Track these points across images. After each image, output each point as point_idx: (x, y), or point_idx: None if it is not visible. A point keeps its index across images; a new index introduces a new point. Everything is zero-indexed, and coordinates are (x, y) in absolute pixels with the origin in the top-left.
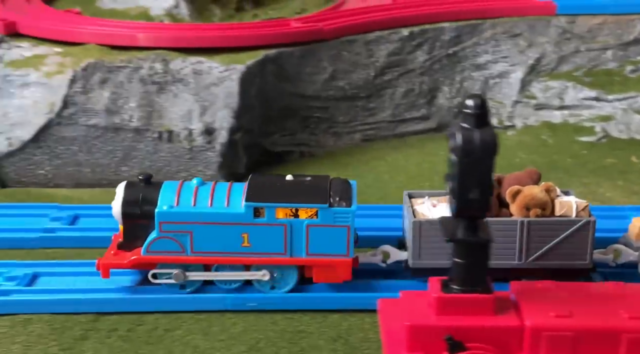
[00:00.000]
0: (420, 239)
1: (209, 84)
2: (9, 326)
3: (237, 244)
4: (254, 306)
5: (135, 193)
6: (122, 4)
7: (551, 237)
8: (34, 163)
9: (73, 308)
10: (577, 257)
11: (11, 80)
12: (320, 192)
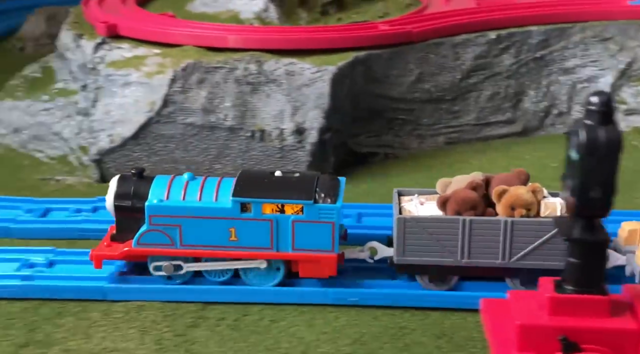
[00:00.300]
0: (405, 236)
1: (300, 85)
2: (124, 312)
3: (225, 238)
4: (355, 300)
5: (127, 187)
6: (212, 7)
7: (535, 237)
8: (133, 159)
9: (183, 296)
10: (560, 258)
11: (113, 80)
12: (306, 188)
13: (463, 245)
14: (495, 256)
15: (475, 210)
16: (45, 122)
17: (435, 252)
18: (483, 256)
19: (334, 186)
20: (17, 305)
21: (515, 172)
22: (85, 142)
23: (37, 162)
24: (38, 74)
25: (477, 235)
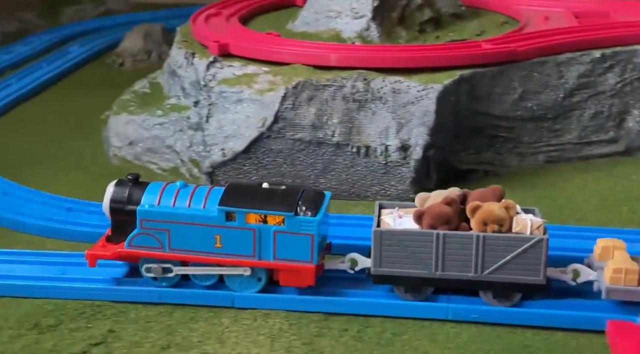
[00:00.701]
0: (381, 248)
1: (406, 103)
2: (252, 319)
3: (210, 244)
4: (476, 317)
5: (123, 191)
6: (314, 27)
7: (506, 252)
8: (242, 173)
9: (307, 306)
10: (530, 273)
11: (226, 97)
12: (289, 201)
13: (437, 258)
14: (468, 270)
15: (449, 224)
16: (159, 136)
17: (410, 264)
18: (456, 269)
19: (316, 200)
20: (153, 309)
21: (491, 189)
22: (196, 156)
23: (151, 173)
24: (147, 90)
25: (450, 249)
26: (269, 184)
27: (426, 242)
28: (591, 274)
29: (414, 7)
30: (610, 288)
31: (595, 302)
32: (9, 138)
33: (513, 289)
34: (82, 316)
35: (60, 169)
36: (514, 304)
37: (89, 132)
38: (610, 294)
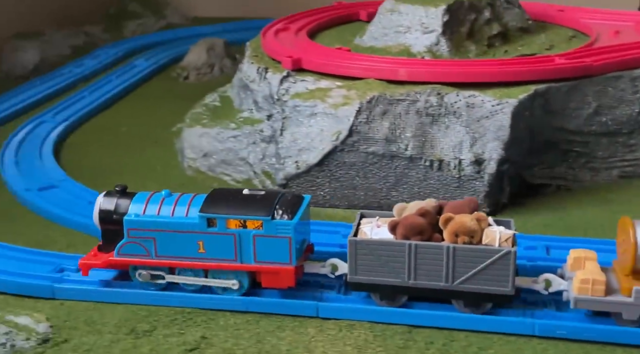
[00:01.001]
0: (356, 256)
1: (480, 117)
2: (337, 329)
3: (194, 250)
4: (563, 334)
5: (111, 202)
6: (382, 41)
7: (475, 263)
8: (315, 185)
9: (391, 318)
10: (499, 283)
11: (300, 111)
12: (267, 205)
13: (409, 267)
14: (439, 279)
15: (421, 235)
16: (232, 148)
17: (384, 273)
18: (428, 279)
19: (294, 204)
20: (240, 317)
21: (466, 200)
22: (269, 168)
23: (225, 184)
24: (217, 103)
25: (422, 259)
26: (249, 191)
27: (399, 252)
28: (562, 284)
29: (483, 21)
30: (578, 298)
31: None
32: (86, 149)
33: (483, 298)
34: (174, 323)
35: (138, 179)
36: (486, 312)
37: (162, 144)
38: (577, 304)
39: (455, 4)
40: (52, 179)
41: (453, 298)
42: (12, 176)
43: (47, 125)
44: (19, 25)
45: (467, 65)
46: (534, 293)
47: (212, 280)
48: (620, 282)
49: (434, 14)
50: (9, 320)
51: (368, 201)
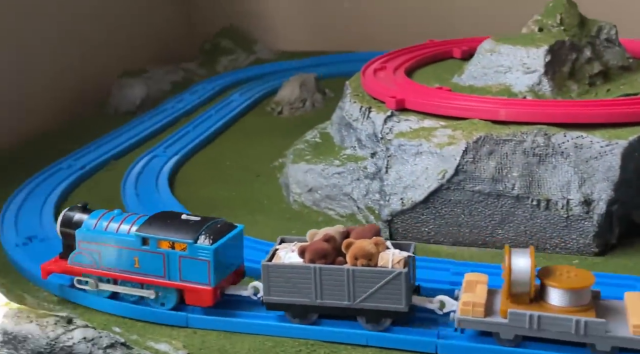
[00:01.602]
0: (269, 279)
1: (589, 158)
2: None
3: (131, 265)
4: None
5: (71, 217)
6: (482, 81)
7: (372, 283)
8: (420, 221)
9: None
10: (394, 301)
11: (405, 149)
12: (195, 231)
13: (316, 288)
14: (343, 298)
15: (326, 259)
16: (337, 184)
17: (295, 293)
18: (333, 298)
19: (221, 231)
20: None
21: (369, 226)
22: (372, 203)
23: (330, 218)
24: (318, 139)
25: (326, 280)
26: (187, 216)
27: (306, 275)
28: (454, 304)
29: (584, 60)
30: (461, 319)
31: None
32: (197, 182)
33: (381, 315)
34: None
35: (247, 213)
36: (385, 329)
37: (264, 178)
38: (460, 324)
39: (557, 44)
40: None
41: (356, 315)
42: (135, 209)
43: (159, 159)
44: (125, 64)
45: (574, 106)
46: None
47: (131, 289)
48: (500, 305)
49: (536, 55)
50: (150, 346)
51: (473, 238)
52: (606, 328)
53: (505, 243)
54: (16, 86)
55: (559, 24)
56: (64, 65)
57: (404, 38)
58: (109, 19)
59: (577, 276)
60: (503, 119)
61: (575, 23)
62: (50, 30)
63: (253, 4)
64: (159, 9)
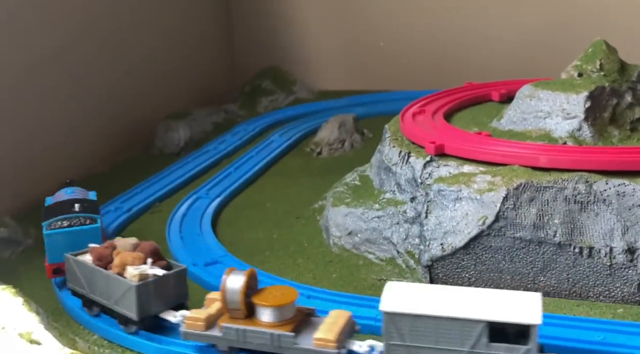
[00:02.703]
0: (70, 269)
1: (632, 205)
2: None
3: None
4: None
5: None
6: (521, 125)
7: (119, 290)
8: (460, 267)
9: None
10: (130, 309)
11: (444, 195)
12: (53, 215)
13: (91, 284)
14: (107, 298)
15: (100, 261)
16: (376, 228)
17: (83, 287)
18: (102, 296)
19: (74, 223)
20: None
21: (149, 244)
22: (412, 248)
23: (370, 262)
24: (358, 182)
25: (97, 280)
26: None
27: (86, 271)
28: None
29: (625, 106)
30: (185, 332)
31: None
32: (239, 224)
33: (124, 319)
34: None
35: (288, 256)
36: (134, 332)
37: (304, 220)
38: (186, 337)
39: (597, 89)
40: (215, 255)
41: (114, 316)
42: (179, 251)
43: (203, 201)
44: (171, 106)
45: (615, 153)
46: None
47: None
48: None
49: (576, 101)
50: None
51: (514, 285)
52: (294, 341)
53: (547, 290)
54: (70, 129)
55: (599, 69)
56: (115, 109)
57: (440, 78)
58: (158, 65)
59: (282, 295)
60: (543, 166)
61: (615, 68)
62: (104, 76)
63: (292, 45)
64: (204, 53)
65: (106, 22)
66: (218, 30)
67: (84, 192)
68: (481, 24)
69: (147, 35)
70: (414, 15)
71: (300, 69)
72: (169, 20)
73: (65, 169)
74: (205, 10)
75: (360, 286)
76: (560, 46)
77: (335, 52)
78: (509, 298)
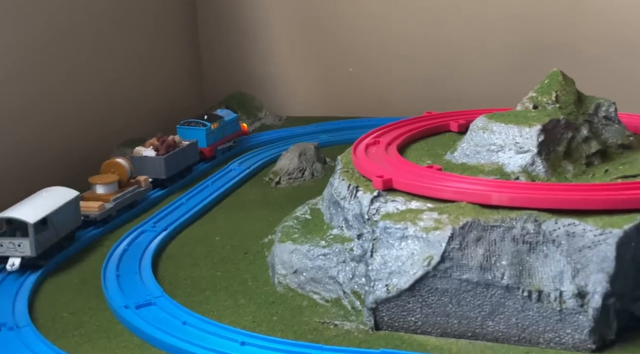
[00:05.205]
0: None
1: (582, 247)
2: None
3: None
4: None
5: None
6: (474, 159)
7: None
8: (406, 310)
9: None
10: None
11: (390, 233)
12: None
13: None
14: None
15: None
16: (322, 266)
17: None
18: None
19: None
20: None
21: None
22: (358, 287)
23: (314, 303)
24: (308, 216)
25: None
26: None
27: None
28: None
29: (580, 139)
30: None
31: None
32: (183, 261)
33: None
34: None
35: (230, 295)
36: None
37: (252, 256)
38: None
39: (551, 122)
40: (149, 296)
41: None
42: (113, 291)
43: (147, 235)
44: (131, 132)
45: (566, 190)
46: None
47: None
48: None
49: (529, 134)
50: None
51: (462, 330)
52: None
53: (497, 336)
54: (14, 157)
55: (555, 101)
56: (68, 134)
57: (411, 105)
58: (117, 88)
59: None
60: (489, 203)
61: (571, 100)
62: (58, 99)
63: (260, 71)
64: (168, 79)
65: (62, 43)
66: (185, 56)
67: (226, 112)
68: (452, 51)
69: (105, 58)
70: (384, 41)
71: (268, 95)
72: (132, 45)
73: (9, 196)
74: (171, 34)
75: (300, 330)
76: (531, 76)
77: (303, 78)
78: None
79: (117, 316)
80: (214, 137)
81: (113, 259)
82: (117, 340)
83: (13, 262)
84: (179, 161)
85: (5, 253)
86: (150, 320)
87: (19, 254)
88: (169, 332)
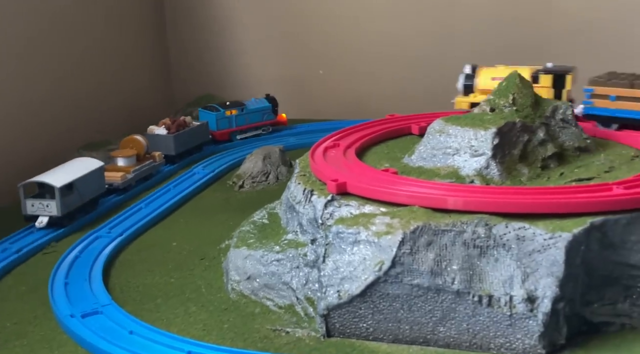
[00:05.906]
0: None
1: (532, 251)
2: None
3: None
4: None
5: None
6: (430, 162)
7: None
8: (357, 316)
9: None
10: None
11: (343, 237)
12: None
13: None
14: None
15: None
16: (276, 272)
17: None
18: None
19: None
20: None
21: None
22: (312, 294)
23: (267, 310)
24: (266, 220)
25: None
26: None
27: None
28: None
29: (537, 142)
30: None
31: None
32: (136, 267)
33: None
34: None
35: (181, 303)
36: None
37: (209, 262)
38: None
39: (507, 125)
40: (97, 304)
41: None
42: (60, 299)
43: (102, 240)
44: (88, 137)
45: (517, 194)
46: None
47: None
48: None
49: (484, 137)
50: None
51: (413, 336)
52: None
53: (448, 342)
54: None
55: (512, 104)
56: (28, 132)
57: (381, 108)
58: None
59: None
60: (440, 207)
61: (528, 103)
62: (14, 95)
63: (229, 73)
64: (135, 80)
65: (27, 44)
66: (153, 57)
67: (260, 101)
68: (424, 53)
69: (69, 58)
70: (355, 42)
71: (237, 97)
72: (98, 45)
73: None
74: (139, 35)
75: (251, 338)
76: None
77: (274, 80)
78: None
79: (62, 325)
80: (227, 123)
81: (63, 266)
82: (60, 351)
83: (42, 221)
84: (188, 140)
85: (37, 212)
86: (96, 329)
87: (47, 214)
88: (114, 342)
